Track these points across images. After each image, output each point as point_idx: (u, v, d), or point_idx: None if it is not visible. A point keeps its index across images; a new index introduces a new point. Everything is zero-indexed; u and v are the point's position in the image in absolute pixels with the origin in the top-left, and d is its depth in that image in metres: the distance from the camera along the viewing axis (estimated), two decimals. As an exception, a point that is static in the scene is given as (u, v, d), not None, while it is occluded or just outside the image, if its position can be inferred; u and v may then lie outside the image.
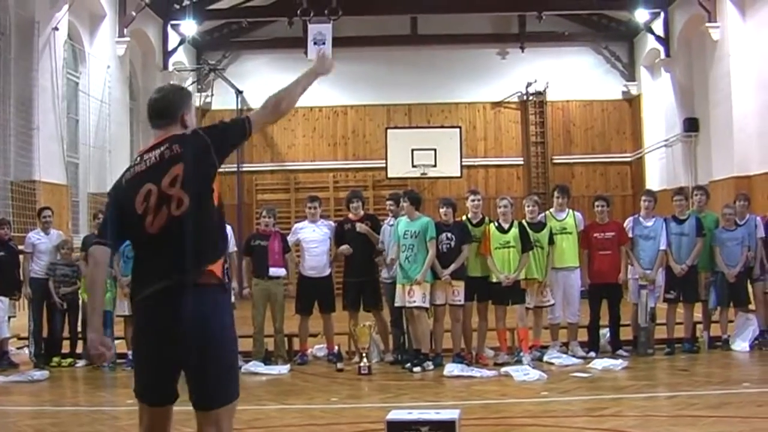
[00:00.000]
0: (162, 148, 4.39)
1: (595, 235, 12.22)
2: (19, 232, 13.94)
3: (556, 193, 12.61)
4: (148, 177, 4.35)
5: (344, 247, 12.25)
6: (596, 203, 12.55)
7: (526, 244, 11.53)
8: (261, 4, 24.78)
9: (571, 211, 12.36)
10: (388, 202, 12.63)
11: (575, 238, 12.10)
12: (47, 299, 12.50)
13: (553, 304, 11.91)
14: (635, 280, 12.22)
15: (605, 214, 12.38)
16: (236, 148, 4.78)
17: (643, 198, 12.67)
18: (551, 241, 11.84)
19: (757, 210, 13.45)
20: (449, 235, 11.42)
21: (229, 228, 12.78)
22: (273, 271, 12.04)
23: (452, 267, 11.32)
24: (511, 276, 11.41)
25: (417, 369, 11.07)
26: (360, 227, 12.19)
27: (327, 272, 12.41)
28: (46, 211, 13.10)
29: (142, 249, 4.49)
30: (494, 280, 11.53)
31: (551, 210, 12.37)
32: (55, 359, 12.37)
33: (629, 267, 12.37)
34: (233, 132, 4.57)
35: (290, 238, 12.60)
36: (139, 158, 4.49)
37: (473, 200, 12.00)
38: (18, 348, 13.23)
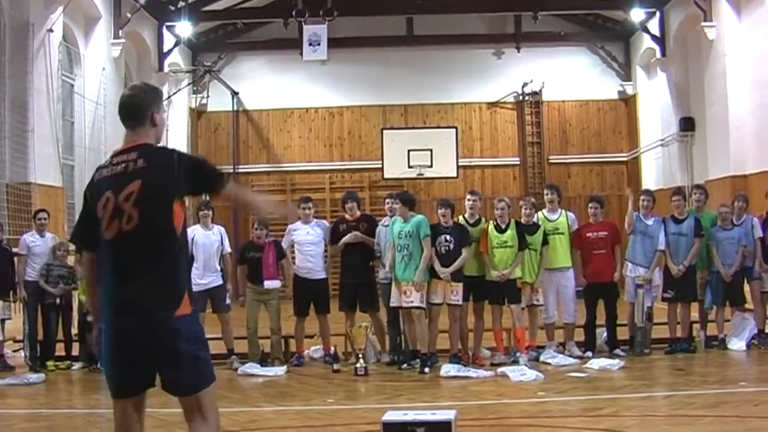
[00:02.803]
0: (130, 157, 4.51)
1: (588, 234, 12.21)
2: (14, 234, 13.90)
3: (545, 191, 12.62)
4: (111, 185, 4.50)
5: (349, 236, 12.20)
6: (590, 205, 12.54)
7: (522, 243, 11.52)
8: (256, 6, 24.76)
9: (563, 211, 12.35)
10: (387, 200, 12.54)
11: (567, 239, 12.09)
12: (42, 302, 12.48)
13: (542, 305, 11.89)
14: (632, 280, 12.21)
15: (599, 216, 12.39)
16: (203, 189, 4.85)
17: (642, 197, 12.63)
18: (545, 242, 11.82)
19: (754, 209, 13.45)
20: (448, 237, 11.39)
21: (222, 229, 12.83)
22: (267, 284, 12.03)
23: (452, 267, 11.29)
24: (506, 272, 11.39)
25: (427, 369, 11.06)
26: (354, 237, 12.15)
27: (322, 275, 12.38)
28: (42, 213, 13.05)
29: (103, 254, 4.62)
30: (491, 279, 11.51)
31: (544, 211, 12.34)
32: (50, 363, 12.33)
33: (627, 265, 12.37)
34: (209, 170, 4.68)
35: (284, 240, 12.57)
36: (110, 160, 4.61)
37: (471, 200, 11.97)
38: (14, 351, 13.20)
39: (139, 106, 4.65)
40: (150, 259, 4.44)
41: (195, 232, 11.96)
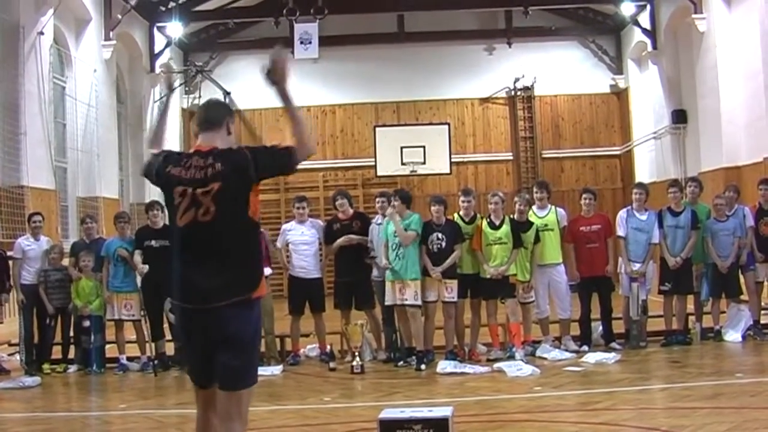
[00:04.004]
0: (207, 162, 4.83)
1: (581, 228, 12.22)
2: (8, 238, 13.87)
3: (535, 189, 12.61)
4: (188, 182, 4.82)
5: (343, 239, 12.16)
6: (583, 196, 12.52)
7: (516, 240, 11.51)
8: (247, 5, 24.73)
9: (552, 207, 12.33)
10: (378, 199, 12.53)
11: (557, 234, 12.08)
12: (38, 305, 12.44)
13: (533, 301, 11.90)
14: (626, 274, 12.21)
15: (591, 207, 12.38)
16: (278, 173, 5.24)
17: (635, 191, 12.61)
18: (537, 240, 11.80)
19: (747, 200, 13.47)
20: (440, 235, 11.37)
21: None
22: None
23: (444, 265, 11.29)
24: (500, 269, 11.37)
25: (423, 366, 11.05)
26: (348, 239, 12.11)
27: (317, 274, 12.36)
28: (36, 216, 12.98)
29: (177, 240, 4.94)
30: (485, 275, 11.50)
31: (533, 207, 12.31)
32: (46, 365, 12.29)
33: (620, 259, 12.38)
34: (277, 157, 5.00)
35: (279, 240, 12.55)
36: (187, 158, 4.92)
37: (465, 201, 11.93)
38: (9, 354, 13.17)
39: (217, 113, 5.15)
40: (227, 246, 4.79)
41: None
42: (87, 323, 12.24)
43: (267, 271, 12.05)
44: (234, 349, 4.73)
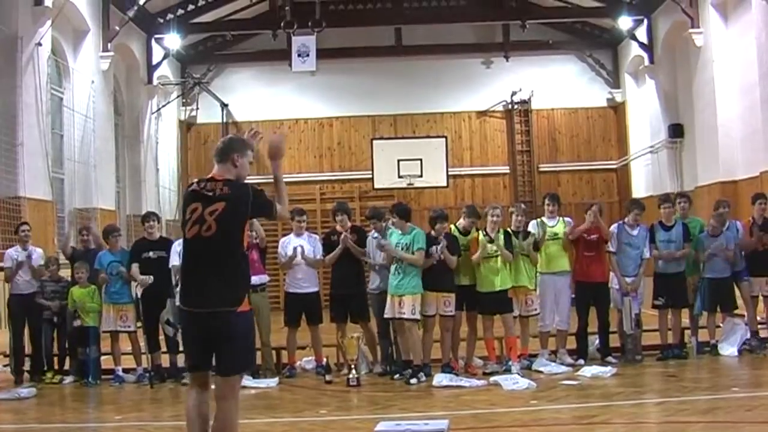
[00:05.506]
0: (217, 186, 5.95)
1: (583, 235, 12.17)
2: (6, 248, 13.84)
3: (546, 201, 12.56)
4: (200, 200, 5.93)
5: (342, 240, 12.12)
6: (589, 213, 12.37)
7: (508, 249, 11.49)
8: (245, 17, 24.83)
9: (560, 218, 12.33)
10: (370, 221, 12.50)
11: (567, 244, 12.11)
12: (29, 315, 12.42)
13: (538, 313, 11.89)
14: (617, 288, 12.19)
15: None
16: (260, 216, 6.45)
17: (635, 211, 12.42)
18: (536, 248, 11.80)
19: (745, 214, 13.46)
20: (439, 247, 11.36)
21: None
22: (255, 279, 11.93)
23: (446, 258, 11.29)
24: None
25: (414, 381, 11.01)
26: (344, 239, 12.07)
27: (314, 288, 12.33)
28: (24, 226, 12.91)
29: (185, 250, 6.09)
30: (483, 290, 11.48)
31: (543, 218, 12.30)
32: (49, 374, 12.26)
33: (611, 275, 12.37)
34: (266, 205, 6.17)
35: (280, 257, 12.49)
36: (204, 182, 6.03)
37: (469, 222, 11.91)
38: (5, 365, 13.13)
39: (225, 150, 6.15)
40: (220, 262, 5.83)
41: None
42: (77, 323, 12.12)
43: (264, 278, 12.10)
44: (231, 343, 5.75)
